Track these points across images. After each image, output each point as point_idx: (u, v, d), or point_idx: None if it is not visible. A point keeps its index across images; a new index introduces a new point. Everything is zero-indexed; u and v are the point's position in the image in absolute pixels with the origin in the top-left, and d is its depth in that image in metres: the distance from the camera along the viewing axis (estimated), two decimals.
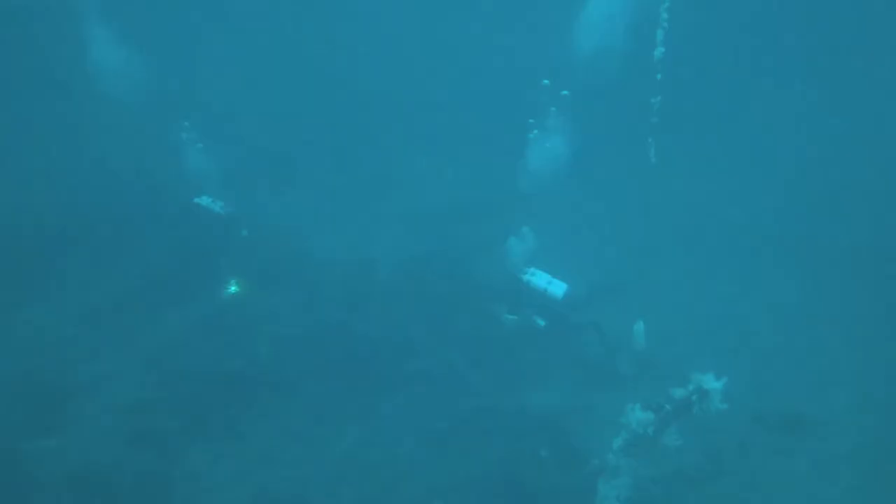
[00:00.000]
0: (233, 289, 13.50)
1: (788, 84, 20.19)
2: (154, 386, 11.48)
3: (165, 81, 18.00)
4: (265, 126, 20.94)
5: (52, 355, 12.07)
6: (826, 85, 20.06)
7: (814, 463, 9.80)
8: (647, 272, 12.85)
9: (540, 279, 12.35)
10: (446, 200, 17.83)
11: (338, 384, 11.47)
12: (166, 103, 16.31)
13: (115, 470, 9.83)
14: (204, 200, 14.74)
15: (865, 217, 15.89)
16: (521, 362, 12.07)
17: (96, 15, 16.22)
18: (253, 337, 12.56)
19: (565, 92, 13.25)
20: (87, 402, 11.11)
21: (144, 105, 16.11)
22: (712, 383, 8.46)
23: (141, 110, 16.36)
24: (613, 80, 16.39)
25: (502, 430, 10.60)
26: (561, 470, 9.80)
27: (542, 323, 12.31)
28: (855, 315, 12.89)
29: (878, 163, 17.44)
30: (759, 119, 19.65)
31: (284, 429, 10.68)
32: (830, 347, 12.15)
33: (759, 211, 16.61)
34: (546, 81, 13.57)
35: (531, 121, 13.59)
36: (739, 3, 21.40)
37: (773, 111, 19.57)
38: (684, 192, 17.20)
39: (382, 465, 10.07)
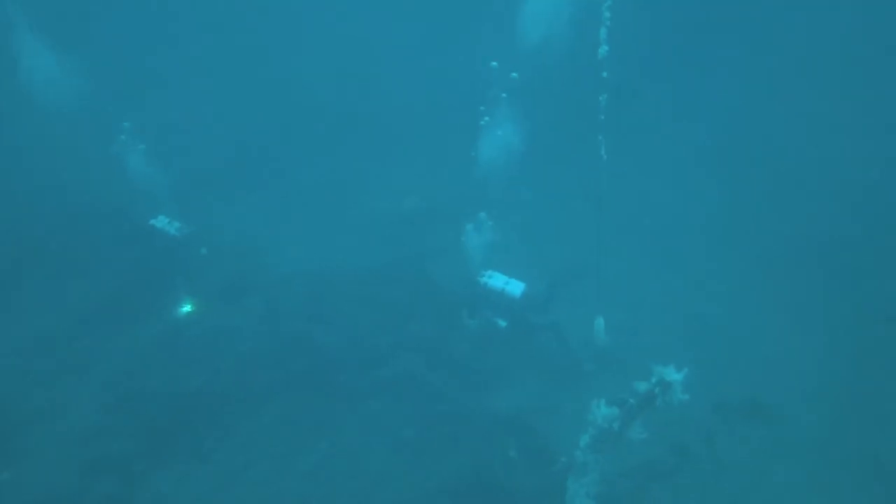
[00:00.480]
0: (187, 308, 13.32)
1: (732, 79, 20.62)
2: (113, 410, 11.24)
3: (105, 93, 17.67)
4: (212, 139, 20.64)
5: (7, 384, 11.74)
6: (769, 78, 20.57)
7: (774, 448, 10.06)
8: (604, 268, 12.91)
9: (497, 280, 12.44)
10: (402, 206, 17.80)
11: (303, 398, 11.38)
12: (107, 116, 15.92)
13: (76, 499, 9.58)
14: (160, 221, 14.62)
15: (815, 207, 16.29)
16: (485, 365, 12.12)
17: (26, 25, 15.84)
18: (213, 355, 12.36)
19: (514, 74, 13.29)
20: (44, 430, 10.83)
21: (85, 119, 15.82)
22: (673, 375, 8.59)
23: (82, 125, 16.05)
24: (559, 78, 16.54)
25: (470, 434, 10.63)
26: (530, 470, 9.87)
27: (503, 324, 12.39)
28: (808, 302, 13.22)
29: (824, 154, 17.94)
30: (705, 114, 20.03)
31: (250, 446, 10.54)
32: (786, 334, 12.45)
33: (711, 204, 16.94)
34: (494, 63, 13.61)
35: (482, 108, 13.63)
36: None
37: (718, 107, 19.98)
38: (637, 189, 17.44)
39: (352, 477, 10.01)
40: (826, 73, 19.93)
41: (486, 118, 13.99)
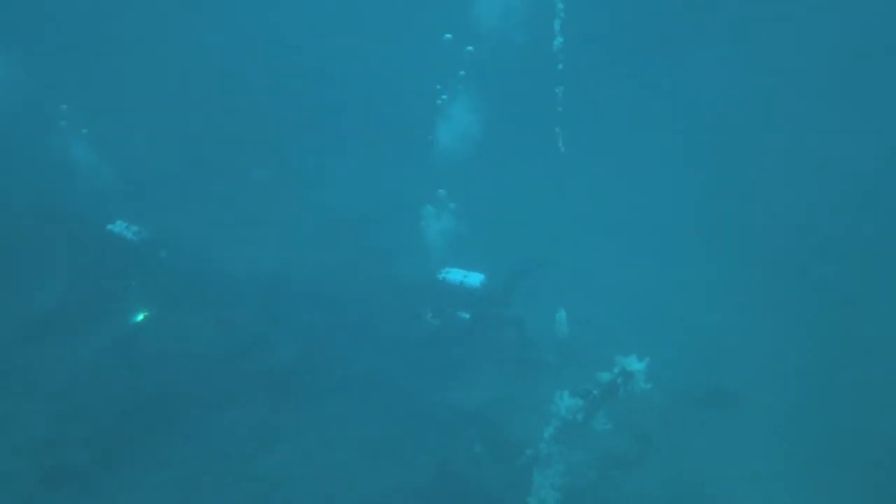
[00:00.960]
0: (142, 315, 12.96)
1: (690, 68, 20.87)
2: (67, 419, 10.79)
3: (51, 94, 17.03)
4: (162, 139, 20.07)
5: None
6: (729, 65, 20.79)
7: (736, 434, 10.23)
8: (565, 259, 13.04)
9: (455, 274, 12.43)
10: (358, 202, 17.63)
11: (263, 400, 11.15)
12: (48, 118, 15.39)
13: None
14: (118, 226, 14.19)
15: (776, 194, 16.60)
16: (447, 360, 12.06)
17: None
18: (169, 360, 12.02)
19: (470, 48, 13.20)
20: None
21: (31, 120, 15.25)
22: (635, 365, 8.67)
23: (27, 124, 15.47)
24: (515, 70, 16.54)
25: (435, 430, 10.56)
26: (496, 463, 9.84)
27: (465, 316, 12.36)
28: (768, 289, 13.49)
29: (781, 138, 18.26)
30: (663, 104, 20.27)
31: (209, 451, 10.27)
32: (746, 320, 12.70)
33: (671, 193, 17.15)
34: (448, 35, 13.50)
35: (438, 86, 13.51)
36: None
37: (677, 96, 20.23)
38: (596, 179, 17.60)
39: (315, 479, 9.83)
40: (788, 56, 20.20)
41: (444, 97, 13.86)
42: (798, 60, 19.97)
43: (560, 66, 11.09)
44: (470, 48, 13.23)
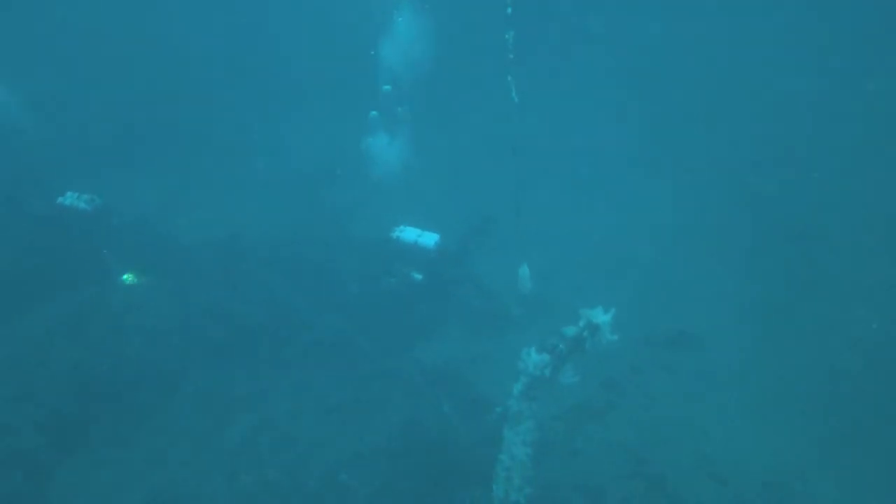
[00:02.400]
0: (126, 277, 12.45)
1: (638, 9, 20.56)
2: (11, 403, 10.31)
3: None
4: (99, 108, 19.11)
5: None
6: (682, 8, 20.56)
7: (700, 377, 10.34)
8: (523, 212, 12.77)
9: (409, 234, 12.23)
10: (309, 164, 17.12)
11: (223, 371, 10.84)
12: None
13: None
14: (68, 198, 13.76)
15: (727, 134, 16.55)
16: (410, 320, 11.90)
17: None
18: (120, 335, 11.53)
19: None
20: None
21: None
22: (601, 317, 8.53)
23: None
24: (462, 18, 16.02)
25: (402, 391, 10.42)
26: (465, 422, 9.77)
27: (418, 277, 12.18)
28: (729, 232, 13.54)
29: (736, 81, 18.14)
30: (618, 47, 19.97)
31: (170, 426, 9.98)
32: (708, 265, 12.75)
33: (625, 141, 17.02)
34: None
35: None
36: None
37: (630, 38, 19.95)
38: (551, 127, 17.35)
39: (282, 449, 9.62)
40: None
41: (373, 52, 13.43)
42: None
43: (509, 10, 10.65)
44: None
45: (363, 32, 14.24)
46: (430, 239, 12.11)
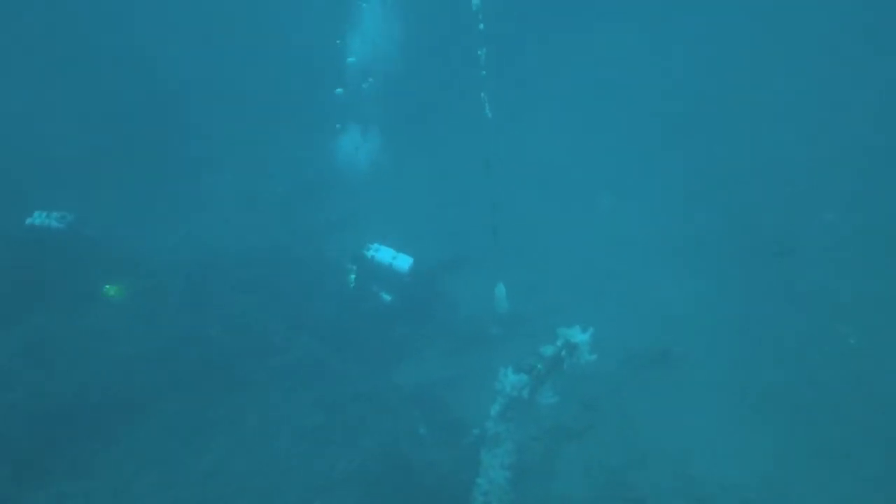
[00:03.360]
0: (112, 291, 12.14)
1: (613, 24, 20.67)
2: None
3: None
4: (67, 125, 18.72)
5: None
6: (654, 20, 20.70)
7: (680, 395, 10.18)
8: (501, 230, 12.70)
9: (384, 254, 12.09)
10: (286, 183, 16.90)
11: (194, 396, 10.49)
12: None
13: None
14: (37, 218, 13.52)
15: (715, 149, 16.51)
16: (386, 342, 11.72)
17: None
18: (85, 361, 11.11)
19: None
20: None
21: None
22: (579, 336, 8.47)
23: None
24: (434, 34, 15.95)
25: (377, 414, 10.20)
26: (442, 446, 9.58)
27: (387, 298, 12.03)
28: (707, 246, 13.47)
29: (714, 91, 18.17)
30: (592, 63, 20.04)
31: (137, 454, 9.62)
32: (683, 279, 12.67)
33: (602, 154, 16.98)
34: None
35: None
36: None
37: (604, 53, 20.03)
38: (526, 144, 17.31)
39: (256, 473, 9.36)
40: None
41: (352, 58, 13.38)
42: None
43: (482, 27, 10.60)
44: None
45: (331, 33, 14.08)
46: (404, 262, 11.94)
